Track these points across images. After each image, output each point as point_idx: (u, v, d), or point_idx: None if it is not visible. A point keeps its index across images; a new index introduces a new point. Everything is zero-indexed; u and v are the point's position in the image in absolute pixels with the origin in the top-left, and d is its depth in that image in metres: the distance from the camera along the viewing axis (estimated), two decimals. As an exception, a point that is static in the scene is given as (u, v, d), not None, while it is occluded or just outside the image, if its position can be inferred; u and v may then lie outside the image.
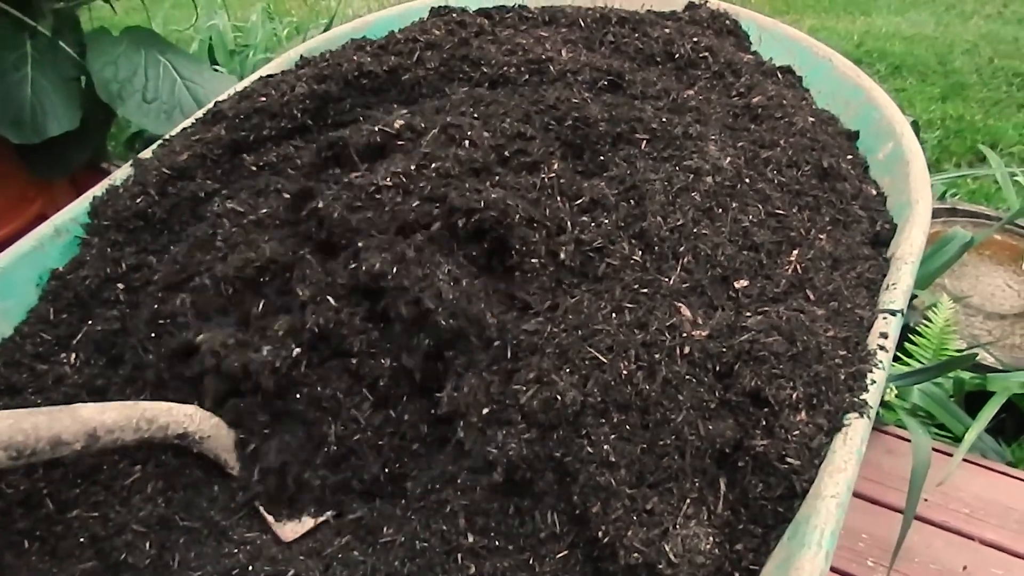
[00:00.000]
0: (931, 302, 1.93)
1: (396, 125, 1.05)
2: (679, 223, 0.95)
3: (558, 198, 0.98)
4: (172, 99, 1.73)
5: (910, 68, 4.01)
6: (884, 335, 0.88)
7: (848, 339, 0.88)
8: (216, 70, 2.13)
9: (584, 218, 0.97)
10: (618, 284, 0.90)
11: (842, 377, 0.84)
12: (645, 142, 1.08)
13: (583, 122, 1.09)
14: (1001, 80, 3.95)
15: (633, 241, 0.94)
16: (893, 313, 0.90)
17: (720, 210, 0.98)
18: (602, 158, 1.08)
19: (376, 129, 1.05)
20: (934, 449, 1.46)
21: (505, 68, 1.18)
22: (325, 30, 2.65)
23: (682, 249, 0.93)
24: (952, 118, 3.57)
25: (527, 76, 1.17)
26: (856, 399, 0.81)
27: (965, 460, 1.59)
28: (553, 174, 1.00)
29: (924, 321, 1.89)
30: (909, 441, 1.57)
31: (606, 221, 0.96)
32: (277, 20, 2.98)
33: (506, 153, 1.03)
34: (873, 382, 0.83)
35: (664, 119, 1.10)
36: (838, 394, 0.82)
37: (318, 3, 4.14)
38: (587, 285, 0.91)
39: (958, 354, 1.78)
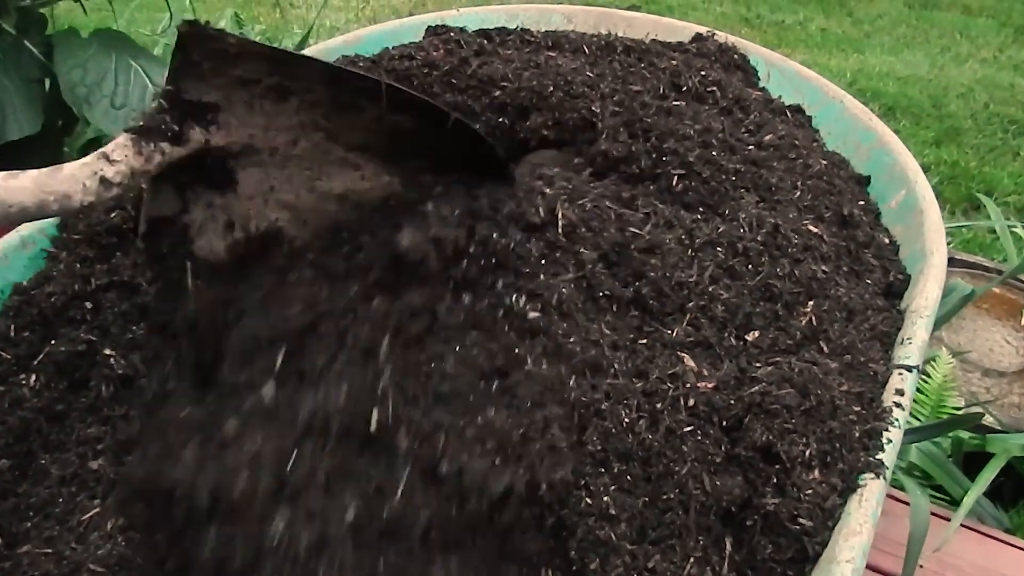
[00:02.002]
0: (929, 356, 1.95)
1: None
2: (692, 279, 0.95)
3: None
4: (143, 106, 1.70)
5: (904, 110, 4.08)
6: (900, 392, 0.88)
7: (863, 394, 0.88)
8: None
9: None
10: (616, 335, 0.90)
11: (857, 435, 0.84)
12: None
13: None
14: (996, 127, 4.02)
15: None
16: (909, 369, 0.90)
17: (748, 265, 0.98)
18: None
19: None
20: (931, 513, 1.47)
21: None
22: (302, 41, 2.66)
23: (691, 305, 0.93)
24: (947, 163, 3.63)
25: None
26: (872, 458, 0.82)
27: (962, 526, 1.59)
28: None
29: (922, 376, 1.91)
30: (904, 503, 1.58)
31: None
32: (248, 27, 2.98)
33: None
34: (889, 441, 0.83)
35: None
36: (853, 452, 0.82)
37: (289, 11, 4.15)
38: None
39: (958, 412, 1.80)
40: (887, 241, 1.13)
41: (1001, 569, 1.54)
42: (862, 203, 1.17)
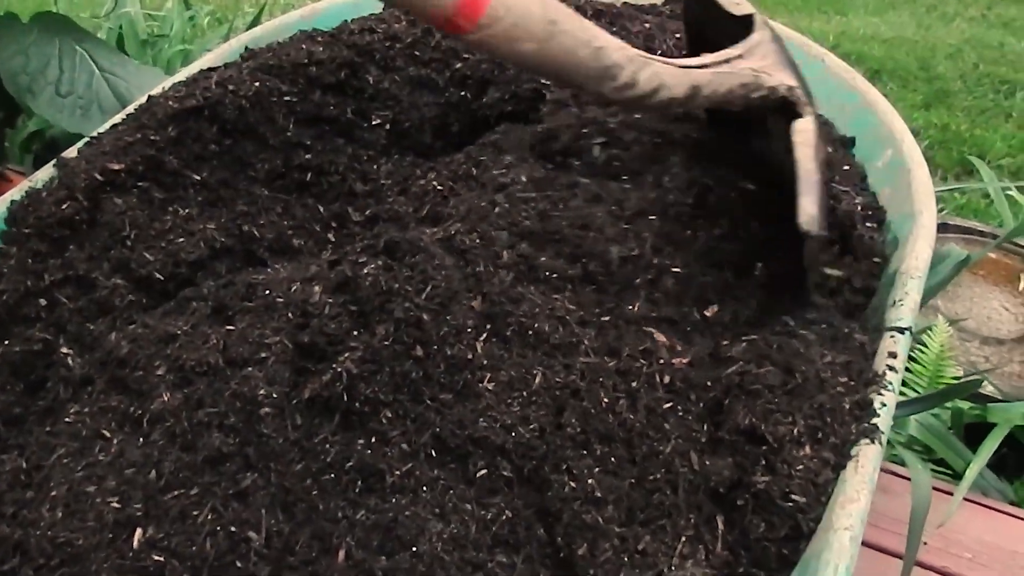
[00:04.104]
0: (925, 325, 1.97)
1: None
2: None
3: None
4: (89, 93, 1.71)
5: (891, 73, 4.11)
6: (893, 355, 0.89)
7: (849, 364, 0.90)
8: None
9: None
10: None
11: (847, 406, 0.85)
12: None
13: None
14: (987, 87, 4.06)
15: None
16: (902, 331, 0.92)
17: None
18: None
19: None
20: (932, 487, 1.48)
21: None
22: (254, 19, 2.66)
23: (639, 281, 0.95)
24: (937, 127, 3.66)
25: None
26: (866, 425, 0.83)
27: (965, 499, 1.61)
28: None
29: (918, 346, 1.93)
30: (905, 479, 1.60)
31: None
32: (196, 8, 2.97)
33: None
34: (883, 405, 0.85)
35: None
36: (844, 425, 0.83)
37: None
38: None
39: (958, 381, 1.82)
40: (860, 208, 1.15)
41: (1008, 544, 1.56)
42: (847, 167, 1.19)
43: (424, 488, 0.80)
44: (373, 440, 0.82)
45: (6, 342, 0.99)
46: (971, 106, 3.90)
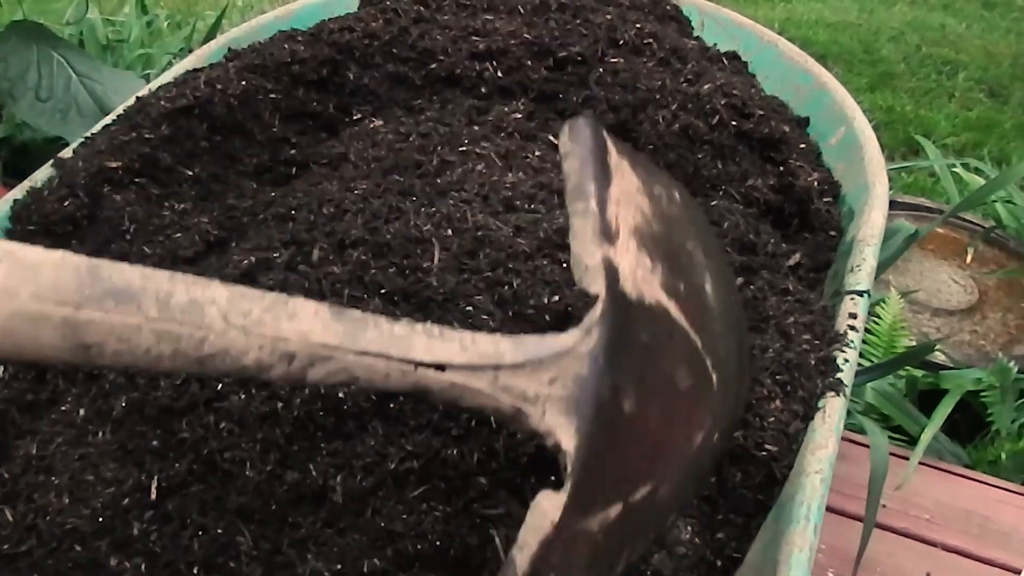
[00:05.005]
0: (878, 298, 2.06)
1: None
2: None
3: None
4: (67, 97, 1.76)
5: (835, 57, 4.21)
6: (853, 315, 0.97)
7: (813, 325, 0.97)
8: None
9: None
10: None
11: (813, 363, 0.92)
12: None
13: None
14: (930, 69, 4.18)
15: None
16: (860, 294, 1.00)
17: None
18: None
19: None
20: (890, 453, 1.56)
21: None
22: (214, 24, 2.70)
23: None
24: (882, 109, 3.77)
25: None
26: (831, 379, 0.91)
27: (922, 463, 1.70)
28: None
29: (872, 318, 2.02)
30: (864, 446, 1.68)
31: None
32: (153, 14, 3.01)
33: None
34: (846, 361, 0.92)
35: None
36: (811, 380, 0.91)
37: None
38: None
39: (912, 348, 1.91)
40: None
41: (963, 504, 1.65)
42: (802, 145, 1.28)
43: None
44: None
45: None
46: (915, 87, 4.00)
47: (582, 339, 0.59)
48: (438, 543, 0.77)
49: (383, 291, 0.89)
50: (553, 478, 0.59)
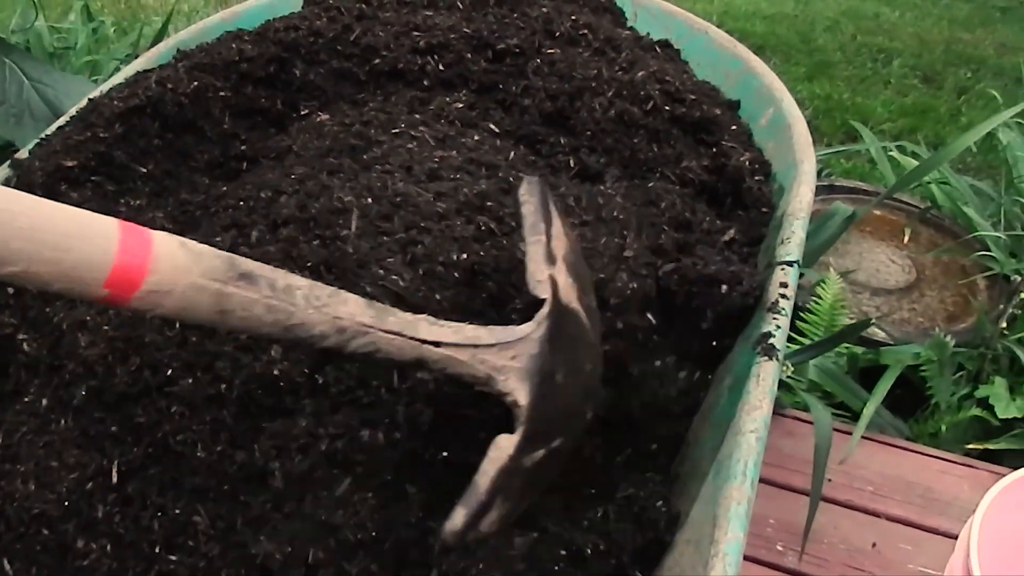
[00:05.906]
0: (818, 279, 2.13)
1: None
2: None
3: None
4: (20, 102, 1.79)
5: (773, 48, 4.30)
6: (784, 284, 1.03)
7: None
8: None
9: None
10: None
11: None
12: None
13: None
14: (866, 57, 4.27)
15: None
16: (790, 264, 1.06)
17: None
18: None
19: None
20: (833, 429, 1.61)
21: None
22: (161, 29, 2.73)
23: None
24: (820, 97, 3.85)
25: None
26: (765, 344, 0.97)
27: (865, 437, 1.77)
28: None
29: (813, 299, 2.09)
30: (808, 423, 1.74)
31: None
32: (99, 20, 3.02)
33: None
34: (779, 328, 0.98)
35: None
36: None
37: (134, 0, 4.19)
38: None
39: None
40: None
41: (906, 475, 1.72)
42: (734, 127, 1.34)
43: None
44: None
45: (-17, 328, 1.06)
46: (851, 75, 4.10)
47: (535, 329, 0.84)
48: (375, 534, 0.86)
49: (308, 264, 0.97)
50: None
